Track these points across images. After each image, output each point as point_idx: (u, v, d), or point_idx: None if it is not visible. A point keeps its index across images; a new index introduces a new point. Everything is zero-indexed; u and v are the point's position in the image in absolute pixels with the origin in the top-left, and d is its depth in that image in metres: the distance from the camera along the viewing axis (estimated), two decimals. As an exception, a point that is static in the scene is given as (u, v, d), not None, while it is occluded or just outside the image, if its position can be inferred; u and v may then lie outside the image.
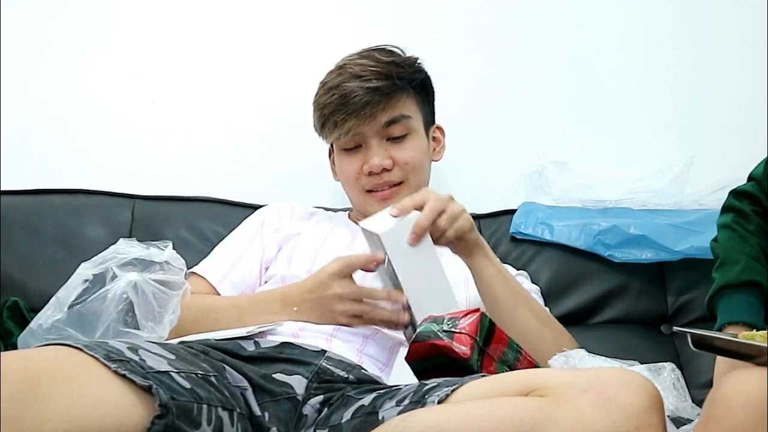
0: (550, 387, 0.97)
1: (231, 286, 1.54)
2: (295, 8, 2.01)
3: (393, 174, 1.59)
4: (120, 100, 1.96)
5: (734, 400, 0.92)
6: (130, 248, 1.32)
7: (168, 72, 1.98)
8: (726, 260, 1.34)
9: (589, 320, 1.78)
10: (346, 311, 1.37)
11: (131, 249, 1.32)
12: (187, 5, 2.00)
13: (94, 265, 1.30)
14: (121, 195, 1.83)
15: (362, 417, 1.13)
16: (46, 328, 1.26)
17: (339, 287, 1.36)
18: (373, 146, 1.58)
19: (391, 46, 1.65)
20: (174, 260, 1.33)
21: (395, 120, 1.58)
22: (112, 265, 1.29)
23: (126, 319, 1.26)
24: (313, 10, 2.01)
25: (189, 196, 1.87)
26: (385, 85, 1.56)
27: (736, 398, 0.92)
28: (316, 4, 2.01)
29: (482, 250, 1.42)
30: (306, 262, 1.52)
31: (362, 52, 1.62)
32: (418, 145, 1.62)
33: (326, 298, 1.37)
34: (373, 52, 1.61)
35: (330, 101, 1.56)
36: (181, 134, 1.96)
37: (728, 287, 1.31)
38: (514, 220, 1.83)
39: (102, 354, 1.05)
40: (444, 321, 1.19)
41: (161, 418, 1.02)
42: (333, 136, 1.60)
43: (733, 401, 0.92)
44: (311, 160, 1.85)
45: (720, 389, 0.94)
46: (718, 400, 0.94)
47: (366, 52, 1.61)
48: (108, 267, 1.29)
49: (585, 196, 1.87)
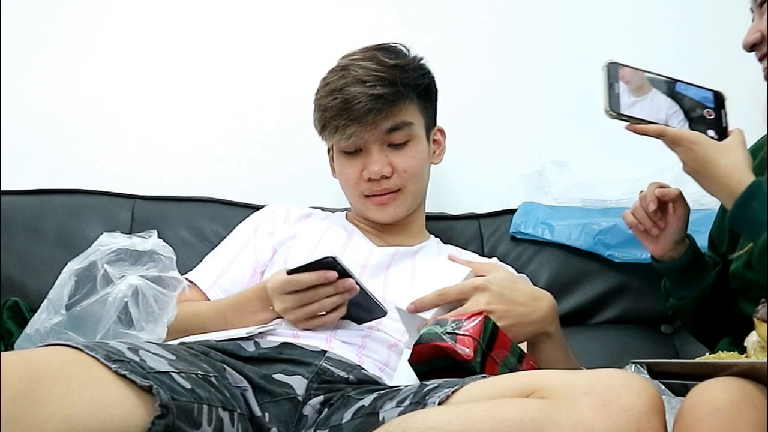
0: (551, 388, 0.97)
1: (221, 291, 1.52)
2: (294, 8, 2.01)
3: (392, 181, 1.58)
4: (120, 101, 1.96)
5: (702, 409, 0.93)
6: (113, 240, 1.32)
7: (168, 72, 1.98)
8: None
9: (589, 320, 1.78)
10: (288, 308, 1.34)
11: (114, 240, 1.32)
12: (186, 5, 2.00)
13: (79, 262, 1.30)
14: (121, 195, 1.83)
15: (363, 417, 1.13)
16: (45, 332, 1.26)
17: (280, 302, 1.35)
18: (373, 152, 1.57)
19: (396, 44, 1.63)
20: (160, 248, 1.33)
21: (397, 127, 1.57)
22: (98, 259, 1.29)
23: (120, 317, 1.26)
24: (311, 10, 2.00)
25: (189, 196, 1.87)
26: (389, 92, 1.54)
27: (703, 407, 0.93)
28: (315, 4, 2.01)
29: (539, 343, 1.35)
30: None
31: (366, 51, 1.60)
32: (418, 151, 1.60)
33: (273, 301, 1.36)
34: (377, 52, 1.59)
35: (332, 105, 1.55)
36: (181, 134, 1.96)
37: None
38: (514, 220, 1.83)
39: (102, 354, 1.05)
40: (448, 323, 1.19)
41: (162, 418, 1.02)
42: (333, 139, 1.58)
43: (700, 410, 0.93)
44: (311, 160, 1.85)
45: (687, 400, 0.96)
46: (686, 410, 0.95)
47: (370, 53, 1.59)
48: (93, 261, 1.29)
49: (585, 196, 1.87)
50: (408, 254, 1.59)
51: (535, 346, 1.36)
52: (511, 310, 1.30)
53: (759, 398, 0.94)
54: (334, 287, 1.32)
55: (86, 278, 1.28)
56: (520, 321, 1.31)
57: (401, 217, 1.62)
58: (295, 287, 1.33)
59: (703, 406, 0.94)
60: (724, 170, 1.23)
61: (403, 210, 1.61)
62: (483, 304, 1.28)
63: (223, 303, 1.46)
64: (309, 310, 1.34)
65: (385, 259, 1.55)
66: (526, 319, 1.32)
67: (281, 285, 1.34)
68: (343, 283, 1.31)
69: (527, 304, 1.33)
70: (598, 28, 2.02)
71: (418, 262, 1.57)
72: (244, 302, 1.42)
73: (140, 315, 1.27)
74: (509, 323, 1.28)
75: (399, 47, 1.63)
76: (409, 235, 1.65)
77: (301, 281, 1.32)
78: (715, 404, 0.93)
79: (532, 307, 1.33)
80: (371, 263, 1.53)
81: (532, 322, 1.33)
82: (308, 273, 1.31)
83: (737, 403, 0.93)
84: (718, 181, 1.23)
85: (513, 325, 1.29)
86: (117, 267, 1.28)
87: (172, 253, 1.34)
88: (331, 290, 1.32)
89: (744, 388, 0.95)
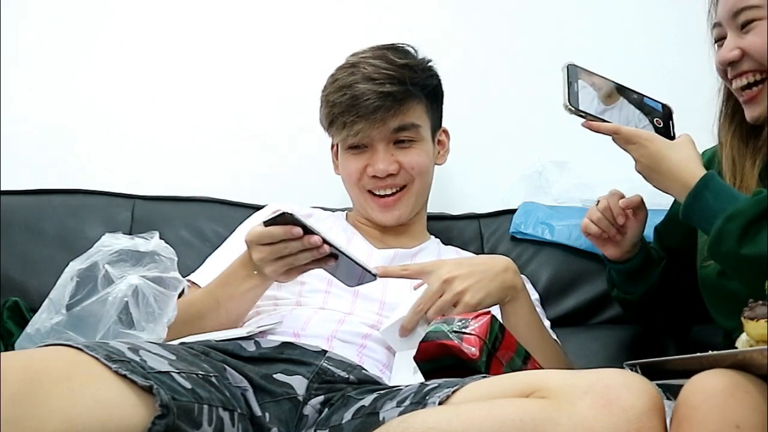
0: (551, 388, 0.97)
1: None
2: (294, 9, 2.01)
3: (398, 178, 1.59)
4: (120, 101, 1.96)
5: (696, 397, 0.95)
6: (115, 240, 1.32)
7: (168, 72, 1.98)
8: None
9: (589, 320, 1.78)
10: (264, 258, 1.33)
11: (116, 241, 1.32)
12: (186, 5, 2.00)
13: (81, 262, 1.30)
14: (121, 195, 1.83)
15: (363, 417, 1.13)
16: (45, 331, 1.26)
17: (257, 252, 1.33)
18: (379, 150, 1.57)
19: (405, 45, 1.63)
20: (162, 249, 1.33)
21: (404, 127, 1.57)
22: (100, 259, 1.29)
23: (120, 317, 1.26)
24: (312, 11, 2.00)
25: (189, 196, 1.86)
26: (398, 90, 1.54)
27: (697, 396, 0.95)
28: (315, 5, 2.01)
29: (513, 301, 1.40)
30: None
31: (375, 50, 1.60)
32: (424, 150, 1.61)
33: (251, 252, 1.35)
34: (386, 51, 1.59)
35: (340, 101, 1.55)
36: (181, 134, 1.96)
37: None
38: (514, 220, 1.83)
39: (103, 354, 1.06)
40: (454, 322, 1.19)
41: (162, 418, 1.02)
42: (340, 135, 1.58)
43: (695, 399, 0.94)
44: (311, 160, 1.85)
45: (683, 392, 0.97)
46: (681, 402, 0.96)
47: (379, 51, 1.59)
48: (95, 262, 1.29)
49: (585, 196, 1.87)
50: (408, 256, 1.59)
51: (507, 308, 1.39)
52: (474, 269, 1.37)
53: (752, 385, 0.95)
54: (302, 243, 1.29)
55: (87, 278, 1.28)
56: (486, 275, 1.36)
57: (405, 219, 1.62)
58: (267, 240, 1.31)
59: (698, 394, 0.95)
60: (678, 164, 1.27)
61: (407, 212, 1.61)
62: (445, 273, 1.35)
63: (212, 284, 1.45)
64: (284, 263, 1.32)
65: (385, 261, 1.55)
66: (491, 271, 1.37)
67: (257, 236, 1.32)
68: (308, 239, 1.29)
69: (486, 262, 1.41)
70: (598, 29, 2.02)
71: (417, 264, 1.57)
72: (229, 274, 1.41)
73: (140, 315, 1.27)
74: (476, 280, 1.34)
75: (408, 48, 1.63)
76: (410, 236, 1.65)
77: (273, 234, 1.30)
78: (709, 392, 0.94)
79: (492, 263, 1.40)
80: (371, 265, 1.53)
81: (497, 273, 1.37)
82: (277, 227, 1.30)
83: (730, 389, 0.94)
84: (672, 175, 1.28)
85: (481, 280, 1.35)
86: (118, 267, 1.28)
87: (173, 254, 1.34)
88: (300, 245, 1.30)
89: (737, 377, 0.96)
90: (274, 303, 1.48)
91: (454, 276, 1.34)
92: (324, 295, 1.47)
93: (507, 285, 1.38)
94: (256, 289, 1.40)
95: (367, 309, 1.46)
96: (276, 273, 1.34)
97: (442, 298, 1.33)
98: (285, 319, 1.41)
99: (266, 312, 1.47)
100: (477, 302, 1.33)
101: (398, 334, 1.34)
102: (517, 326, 1.36)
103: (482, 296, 1.34)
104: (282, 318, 1.42)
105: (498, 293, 1.37)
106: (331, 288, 1.48)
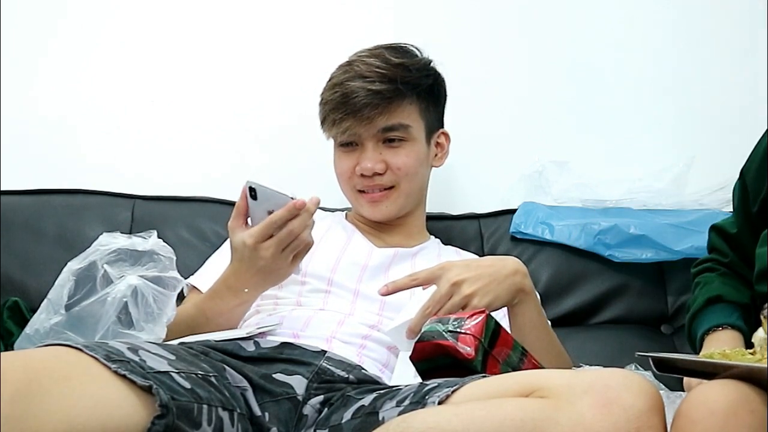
0: (551, 388, 0.97)
1: None
2: (294, 9, 2.01)
3: (384, 178, 1.59)
4: (120, 101, 1.96)
5: (698, 412, 0.94)
6: (113, 240, 1.32)
7: (168, 72, 1.98)
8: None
9: (589, 320, 1.78)
10: (273, 253, 1.30)
11: (114, 241, 1.32)
12: (187, 5, 2.00)
13: (79, 262, 1.30)
14: (121, 195, 1.83)
15: (362, 417, 1.13)
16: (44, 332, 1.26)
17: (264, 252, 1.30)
18: (368, 149, 1.58)
19: (408, 45, 1.63)
20: (160, 248, 1.32)
21: (393, 127, 1.57)
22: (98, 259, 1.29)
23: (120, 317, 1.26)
24: (311, 11, 2.00)
25: (189, 196, 1.87)
26: (387, 89, 1.54)
27: (699, 410, 0.94)
28: (315, 5, 2.01)
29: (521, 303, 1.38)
30: (302, 264, 1.51)
31: (374, 49, 1.60)
32: (414, 152, 1.60)
33: (255, 259, 1.31)
34: (384, 50, 1.59)
35: (332, 98, 1.56)
36: (180, 134, 1.96)
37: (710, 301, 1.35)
38: (514, 220, 1.83)
39: (102, 354, 1.05)
40: (449, 321, 1.19)
41: (161, 418, 1.02)
42: (331, 132, 1.60)
43: (696, 413, 0.94)
44: (311, 160, 1.85)
45: (684, 403, 0.96)
46: (683, 413, 0.95)
47: (378, 50, 1.59)
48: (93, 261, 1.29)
49: (585, 196, 1.87)
50: (408, 255, 1.59)
51: (516, 310, 1.37)
52: (483, 272, 1.33)
53: (756, 403, 0.94)
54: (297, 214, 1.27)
55: (86, 278, 1.28)
56: (495, 278, 1.33)
57: (393, 215, 1.62)
58: (271, 229, 1.28)
59: (699, 408, 0.94)
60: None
61: (395, 209, 1.61)
62: (454, 276, 1.32)
63: (201, 300, 1.43)
64: (292, 247, 1.30)
65: (385, 260, 1.55)
66: (500, 274, 1.34)
67: (259, 235, 1.29)
68: (294, 204, 1.27)
69: (494, 264, 1.37)
70: (598, 29, 2.02)
71: (418, 263, 1.56)
72: (216, 296, 1.39)
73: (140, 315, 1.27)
74: (485, 283, 1.32)
75: (409, 47, 1.63)
76: (409, 235, 1.65)
77: (276, 220, 1.28)
78: (711, 408, 0.93)
79: (501, 265, 1.37)
80: (371, 264, 1.53)
81: (506, 276, 1.35)
82: (279, 211, 1.26)
83: (733, 408, 0.93)
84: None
85: (490, 283, 1.32)
86: (117, 267, 1.28)
87: (171, 254, 1.34)
88: (300, 220, 1.28)
89: (742, 392, 0.95)
90: (275, 303, 1.48)
91: (463, 279, 1.31)
92: (324, 296, 1.47)
93: (516, 288, 1.35)
94: (245, 305, 1.40)
95: (368, 309, 1.45)
96: (290, 266, 1.32)
97: (450, 301, 1.31)
98: (285, 320, 1.41)
99: (266, 311, 1.47)
100: (486, 305, 1.30)
101: (405, 335, 1.33)
102: (524, 328, 1.36)
103: (491, 299, 1.32)
104: (282, 319, 1.41)
105: (507, 296, 1.35)
106: (332, 288, 1.48)
